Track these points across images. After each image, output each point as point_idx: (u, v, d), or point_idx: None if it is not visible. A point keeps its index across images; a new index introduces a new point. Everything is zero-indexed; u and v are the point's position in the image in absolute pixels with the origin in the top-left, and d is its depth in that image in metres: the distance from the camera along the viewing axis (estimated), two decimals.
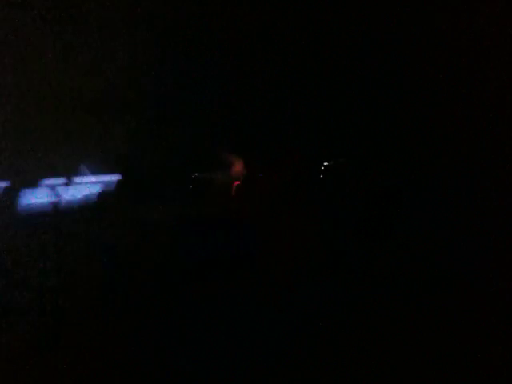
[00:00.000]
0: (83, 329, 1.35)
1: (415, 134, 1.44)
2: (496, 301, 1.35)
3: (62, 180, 1.39)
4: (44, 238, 1.28)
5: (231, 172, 1.51)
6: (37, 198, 1.36)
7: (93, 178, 1.43)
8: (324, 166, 1.51)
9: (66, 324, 1.34)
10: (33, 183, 1.35)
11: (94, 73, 1.36)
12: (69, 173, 1.40)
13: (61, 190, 1.39)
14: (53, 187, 1.38)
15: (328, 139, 1.50)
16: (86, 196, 1.42)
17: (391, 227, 1.47)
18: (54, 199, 1.37)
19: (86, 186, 1.41)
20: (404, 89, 1.43)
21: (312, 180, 1.50)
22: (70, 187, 1.40)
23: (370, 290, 1.41)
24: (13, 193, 1.30)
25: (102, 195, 1.44)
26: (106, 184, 1.45)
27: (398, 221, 1.46)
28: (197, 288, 1.41)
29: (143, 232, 1.42)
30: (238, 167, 1.51)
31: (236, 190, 1.51)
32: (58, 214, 1.39)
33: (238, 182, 1.51)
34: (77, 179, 1.42)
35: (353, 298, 1.39)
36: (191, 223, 1.52)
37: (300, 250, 1.46)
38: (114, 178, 1.45)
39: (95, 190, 1.43)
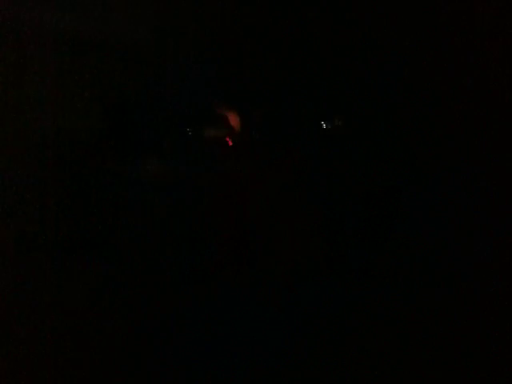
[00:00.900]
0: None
1: (415, 133, 1.44)
2: (496, 301, 1.35)
3: None
4: None
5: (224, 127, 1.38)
6: None
7: None
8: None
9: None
10: None
11: None
12: None
13: None
14: None
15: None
16: None
17: (391, 227, 1.47)
18: None
19: None
20: (403, 88, 1.43)
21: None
22: None
23: (370, 290, 1.41)
24: None
25: None
26: None
27: (397, 221, 1.46)
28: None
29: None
30: (232, 121, 1.39)
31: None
32: None
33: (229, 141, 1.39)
34: None
35: (352, 298, 1.39)
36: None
37: (299, 249, 1.45)
38: None
39: None
